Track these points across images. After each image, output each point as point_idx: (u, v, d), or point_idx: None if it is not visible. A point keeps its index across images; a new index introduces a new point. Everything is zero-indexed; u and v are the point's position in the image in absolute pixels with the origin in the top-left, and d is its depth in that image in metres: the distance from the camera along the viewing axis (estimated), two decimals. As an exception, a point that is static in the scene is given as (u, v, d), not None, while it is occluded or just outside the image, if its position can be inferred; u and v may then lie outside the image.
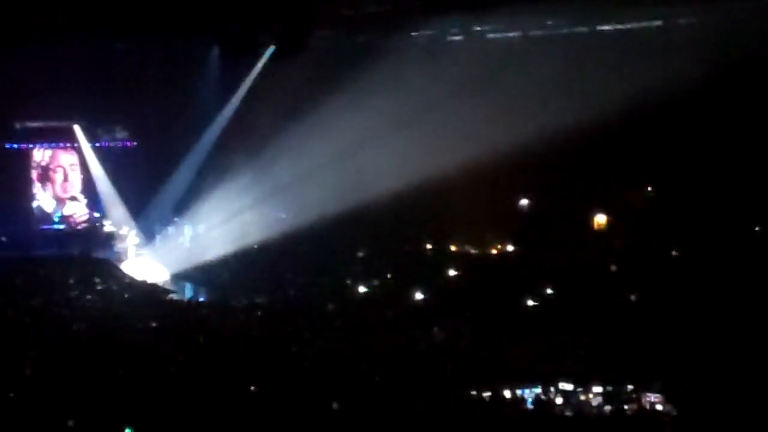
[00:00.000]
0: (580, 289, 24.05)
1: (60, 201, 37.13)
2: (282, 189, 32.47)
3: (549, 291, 24.27)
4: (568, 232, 29.61)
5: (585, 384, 16.55)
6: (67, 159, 37.05)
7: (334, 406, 14.38)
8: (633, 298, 23.36)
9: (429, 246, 31.56)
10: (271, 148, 32.14)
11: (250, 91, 34.20)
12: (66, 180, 37.12)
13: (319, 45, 29.96)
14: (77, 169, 37.13)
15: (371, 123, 30.07)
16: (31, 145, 36.42)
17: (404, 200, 29.86)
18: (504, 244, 31.37)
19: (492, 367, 17.81)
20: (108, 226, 36.52)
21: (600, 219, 31.41)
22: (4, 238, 34.05)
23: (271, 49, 32.01)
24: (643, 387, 16.24)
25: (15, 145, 36.02)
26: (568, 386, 16.58)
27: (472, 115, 29.20)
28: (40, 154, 36.70)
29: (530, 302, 23.31)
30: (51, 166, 36.90)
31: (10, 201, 35.71)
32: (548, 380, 16.70)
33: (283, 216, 33.75)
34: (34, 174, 36.62)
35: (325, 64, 31.06)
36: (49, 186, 36.96)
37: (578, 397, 16.48)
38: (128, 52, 33.47)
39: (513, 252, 31.17)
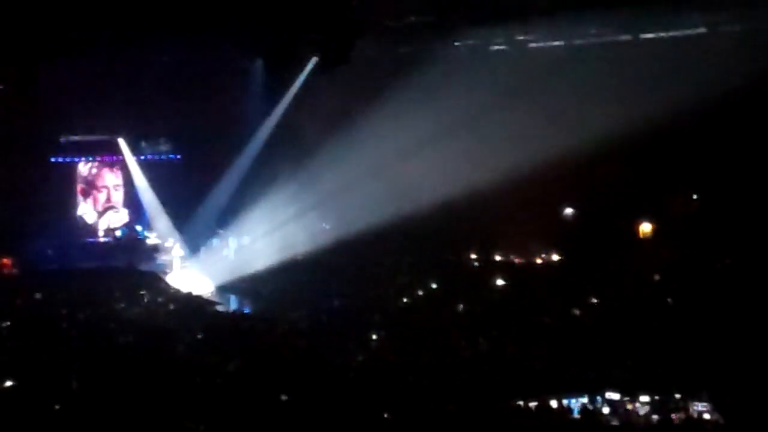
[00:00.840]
0: (626, 298, 23.91)
1: (106, 215, 37.35)
2: (326, 200, 32.50)
3: (594, 300, 24.15)
4: (613, 241, 29.43)
5: (632, 393, 16.44)
6: (111, 178, 37.36)
7: (383, 416, 14.37)
8: (679, 306, 23.20)
9: (473, 256, 31.48)
10: (314, 160, 32.20)
11: (294, 102, 34.28)
12: (109, 199, 37.36)
13: (362, 56, 29.95)
14: (121, 188, 37.39)
15: (414, 133, 30.05)
16: (76, 159, 36.66)
17: (448, 210, 29.79)
18: (549, 253, 31.24)
19: (538, 376, 17.73)
20: (153, 239, 36.72)
21: (645, 227, 31.21)
22: (50, 251, 34.24)
23: (314, 60, 32.10)
24: (690, 396, 16.12)
25: (60, 159, 36.27)
26: (615, 396, 16.47)
27: (515, 125, 29.09)
28: (86, 169, 36.95)
29: (576, 311, 23.19)
30: (96, 184, 37.15)
31: (55, 214, 35.94)
32: (595, 390, 16.60)
33: (327, 227, 33.77)
34: (79, 188, 36.86)
35: (368, 75, 31.00)
36: (92, 201, 37.19)
37: (625, 407, 16.36)
38: (172, 65, 33.62)
39: (558, 261, 31.05)
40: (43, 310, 22.71)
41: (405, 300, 25.91)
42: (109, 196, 37.42)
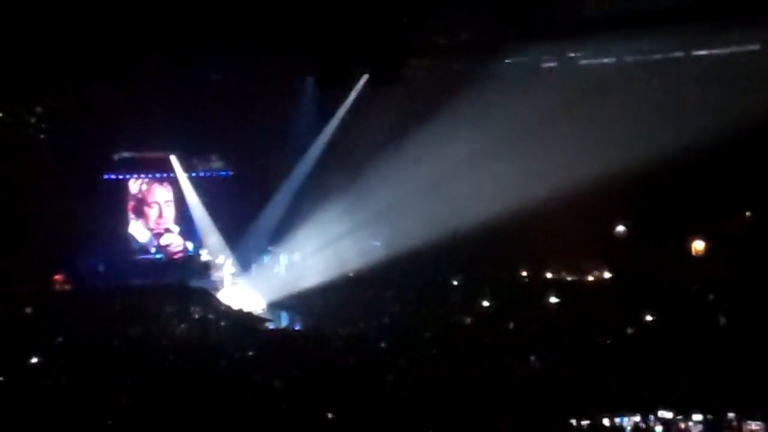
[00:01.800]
0: (679, 317, 23.74)
1: (157, 232, 37.56)
2: (376, 217, 32.48)
3: (647, 318, 23.98)
4: (665, 259, 29.24)
5: (685, 412, 16.29)
6: (162, 194, 37.48)
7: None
8: (732, 325, 22.98)
9: (525, 273, 31.36)
10: (365, 177, 32.20)
11: (345, 120, 34.37)
12: (161, 215, 37.55)
13: (414, 73, 29.98)
14: (172, 204, 37.57)
15: (466, 150, 30.01)
16: (127, 176, 36.89)
17: (499, 227, 29.69)
18: (601, 270, 31.07)
19: (590, 395, 17.62)
20: (204, 256, 36.87)
21: (698, 245, 30.95)
22: (101, 268, 34.47)
23: (366, 77, 32.17)
24: (744, 415, 15.96)
25: (112, 176, 36.50)
26: (668, 414, 16.33)
27: (566, 142, 29.01)
28: (137, 186, 37.15)
29: (629, 329, 23.02)
30: (147, 200, 37.34)
31: (107, 231, 36.18)
32: (647, 408, 16.47)
33: (378, 244, 33.76)
34: (130, 205, 37.09)
35: (420, 92, 31.04)
36: (143, 218, 37.41)
37: (678, 426, 16.24)
38: (224, 83, 33.78)
39: (610, 279, 30.87)
40: (94, 327, 22.81)
41: (456, 318, 25.84)
42: (160, 212, 37.60)
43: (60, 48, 25.59)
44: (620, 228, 32.19)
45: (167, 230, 37.64)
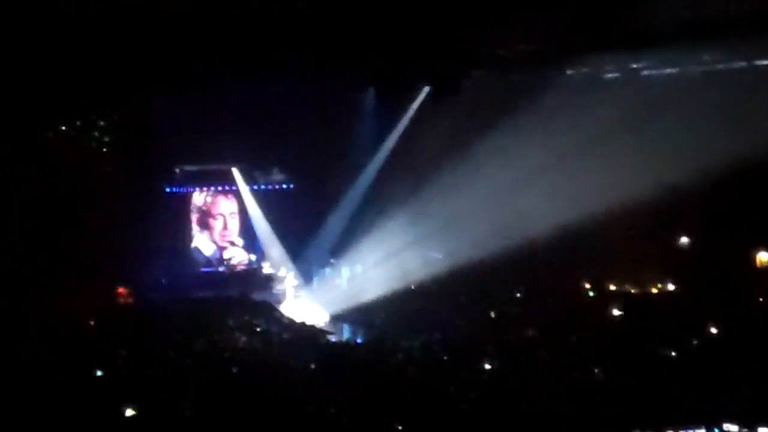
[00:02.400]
0: (744, 328, 23.46)
1: (220, 245, 37.78)
2: (437, 229, 32.45)
3: (712, 330, 23.73)
4: (730, 271, 28.94)
5: (750, 426, 16.09)
6: (226, 206, 37.75)
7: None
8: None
9: (587, 285, 31.15)
10: (426, 189, 32.20)
11: (406, 132, 34.41)
12: (225, 227, 37.79)
13: (474, 84, 29.94)
14: (236, 216, 37.80)
15: (527, 162, 29.92)
16: (190, 189, 37.15)
17: (561, 239, 29.56)
18: (664, 282, 30.80)
19: (654, 407, 17.46)
20: (266, 268, 37.02)
21: (763, 257, 30.61)
22: (164, 281, 34.73)
23: (427, 89, 32.18)
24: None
25: (175, 189, 36.79)
26: (733, 428, 16.12)
27: (628, 153, 28.83)
28: (200, 198, 37.43)
29: (693, 341, 22.80)
30: (211, 212, 37.62)
31: (170, 244, 36.47)
32: (712, 421, 16.29)
33: (439, 256, 33.70)
34: (194, 218, 37.34)
35: (480, 104, 30.99)
36: (207, 230, 37.64)
37: (744, 439, 16.06)
38: (285, 96, 33.93)
39: (674, 291, 30.59)
40: (157, 339, 22.95)
41: (518, 330, 25.72)
42: (225, 223, 37.87)
43: (123, 61, 25.83)
44: (684, 239, 31.91)
45: (231, 243, 37.87)
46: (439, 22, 24.08)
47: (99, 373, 19.48)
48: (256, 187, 37.80)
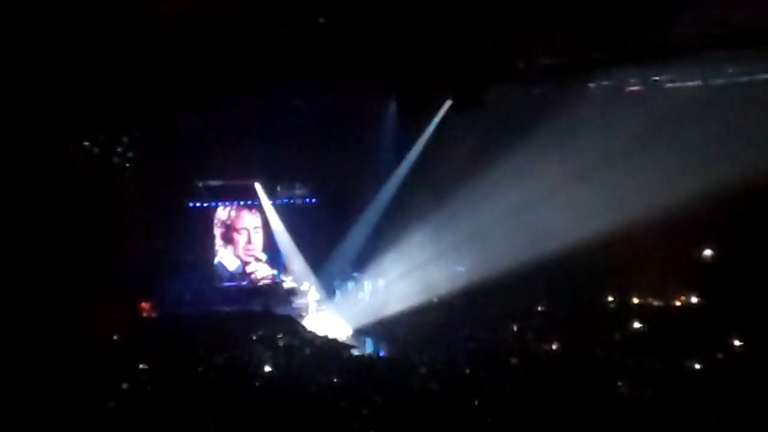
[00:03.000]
0: (768, 342, 23.39)
1: (243, 259, 37.85)
2: (460, 242, 32.46)
3: (736, 343, 23.63)
4: (753, 284, 28.80)
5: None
6: (251, 220, 37.86)
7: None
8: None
9: (610, 298, 31.05)
10: (448, 202, 32.22)
11: (428, 145, 34.42)
12: (249, 241, 37.88)
13: (496, 98, 29.90)
14: (260, 230, 37.89)
15: (549, 175, 29.90)
16: (213, 204, 37.27)
17: (584, 253, 29.49)
18: (688, 295, 30.68)
19: (678, 421, 17.42)
20: (289, 283, 37.09)
21: (787, 270, 30.48)
22: (187, 295, 34.81)
23: (448, 103, 32.18)
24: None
25: (198, 204, 36.89)
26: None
27: (651, 166, 28.74)
28: (225, 213, 37.54)
29: (717, 355, 22.71)
30: (236, 226, 37.73)
31: (193, 258, 36.59)
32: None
33: (462, 269, 33.69)
34: (217, 232, 37.44)
35: (502, 117, 30.98)
36: (231, 244, 37.72)
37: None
38: (306, 110, 34.01)
39: (697, 304, 30.47)
40: (180, 353, 23.01)
41: (541, 343, 25.68)
42: (249, 237, 37.96)
43: (147, 77, 25.93)
44: (707, 252, 31.77)
45: (255, 258, 37.94)
46: (461, 35, 24.09)
47: (124, 386, 19.54)
48: (278, 202, 37.93)
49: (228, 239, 37.65)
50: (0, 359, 21.40)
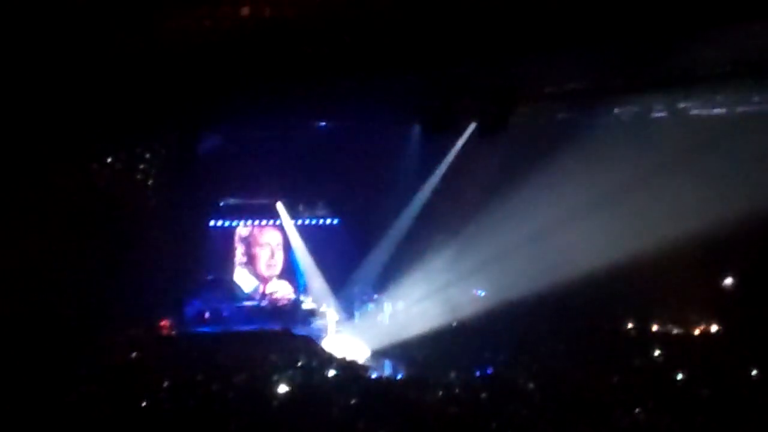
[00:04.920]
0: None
1: (263, 279, 37.89)
2: (481, 266, 32.40)
3: (754, 372, 23.50)
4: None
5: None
6: (273, 236, 37.94)
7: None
8: None
9: (630, 325, 30.94)
10: (470, 226, 32.20)
11: (451, 168, 34.42)
12: (272, 257, 37.97)
13: (520, 121, 29.89)
14: (281, 248, 37.93)
15: (572, 200, 29.84)
16: (235, 223, 37.33)
17: (605, 279, 29.42)
18: (708, 323, 30.56)
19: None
20: (308, 303, 37.07)
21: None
22: (207, 314, 34.84)
23: (473, 126, 32.17)
24: None
25: (219, 223, 36.97)
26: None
27: (675, 193, 28.67)
28: (246, 231, 37.63)
29: (736, 383, 22.57)
30: (258, 242, 37.83)
31: (213, 277, 36.67)
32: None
33: (482, 293, 33.63)
34: (238, 251, 37.51)
35: (526, 141, 30.97)
36: (252, 263, 37.78)
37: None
38: (330, 130, 34.10)
39: (717, 332, 30.34)
40: (199, 372, 22.98)
41: (560, 369, 25.57)
42: (272, 253, 38.11)
43: (170, 95, 25.99)
44: (729, 281, 31.63)
45: (275, 276, 37.98)
46: (487, 58, 24.07)
47: (143, 404, 19.53)
48: (300, 222, 37.95)
49: (249, 256, 37.78)
50: (19, 374, 21.46)
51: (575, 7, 19.70)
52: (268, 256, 38.15)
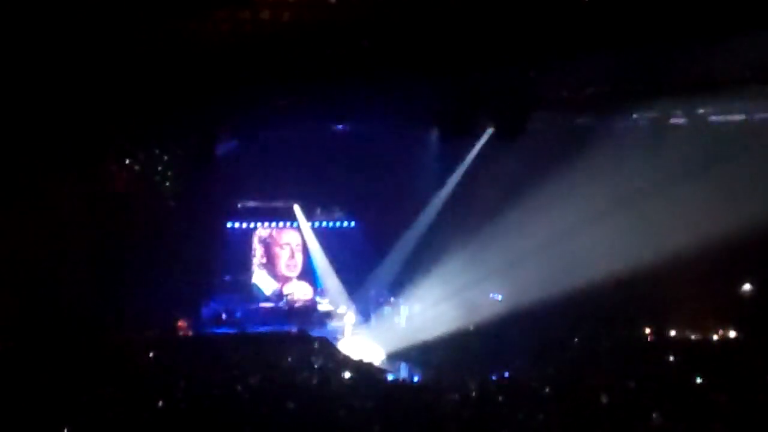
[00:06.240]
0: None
1: (282, 280, 37.94)
2: (497, 270, 32.36)
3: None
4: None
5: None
6: (293, 237, 37.98)
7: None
8: None
9: (647, 331, 30.87)
10: (487, 230, 32.15)
11: (468, 172, 34.41)
12: (292, 257, 38.05)
13: (537, 126, 29.86)
14: (300, 249, 37.99)
15: (589, 205, 29.77)
16: (252, 225, 37.42)
17: (622, 284, 29.37)
18: (726, 329, 30.48)
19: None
20: (325, 305, 37.12)
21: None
22: (224, 315, 34.92)
23: (490, 131, 32.16)
24: None
25: (237, 225, 37.07)
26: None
27: (693, 199, 28.57)
28: (265, 233, 37.72)
29: (753, 390, 22.49)
30: (279, 242, 37.92)
31: (230, 278, 36.76)
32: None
33: (499, 297, 33.60)
34: (257, 253, 37.59)
35: (543, 146, 30.92)
36: (272, 264, 37.85)
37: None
38: (348, 134, 34.13)
39: (735, 338, 30.25)
40: (216, 373, 23.04)
41: (576, 374, 25.53)
42: (292, 253, 38.20)
43: (188, 97, 26.06)
44: (747, 287, 31.55)
45: (294, 277, 38.05)
46: (505, 63, 24.06)
47: (159, 405, 19.58)
48: (316, 224, 38.03)
49: (269, 257, 37.88)
50: (37, 374, 21.56)
51: (594, 12, 19.71)
52: (288, 256, 38.25)
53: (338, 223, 38.72)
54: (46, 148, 27.49)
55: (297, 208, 37.57)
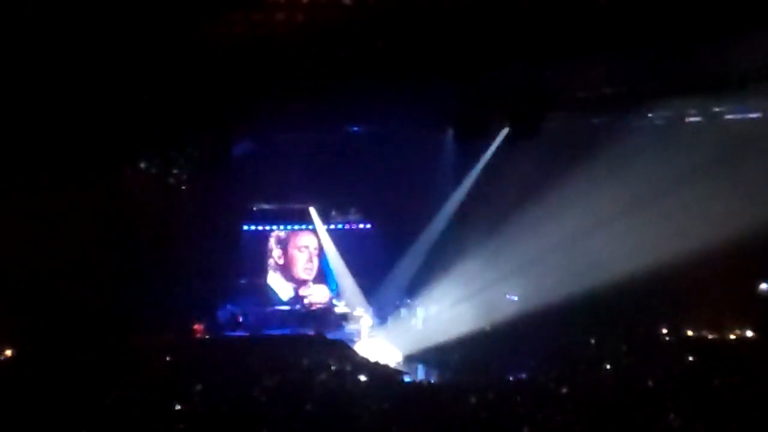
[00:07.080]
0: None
1: (298, 282, 37.93)
2: (514, 271, 32.29)
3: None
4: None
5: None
6: (310, 240, 37.96)
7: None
8: None
9: (664, 330, 30.79)
10: (503, 230, 32.09)
11: (484, 173, 34.36)
12: (310, 260, 38.01)
13: (553, 126, 29.81)
14: (317, 251, 37.97)
15: (605, 204, 29.69)
16: (268, 227, 37.42)
17: (638, 284, 29.27)
18: (743, 329, 30.39)
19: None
20: (341, 307, 37.09)
21: None
22: (240, 318, 34.91)
23: (506, 131, 32.12)
24: None
25: (252, 227, 37.08)
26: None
27: (709, 198, 28.48)
28: (283, 234, 37.70)
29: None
30: (297, 245, 37.89)
31: (247, 281, 36.77)
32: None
33: (515, 298, 33.54)
34: (275, 255, 37.60)
35: (559, 146, 30.85)
36: (288, 267, 37.84)
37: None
38: (363, 135, 34.13)
39: (752, 337, 30.17)
40: (232, 375, 23.05)
41: (593, 374, 25.47)
42: (310, 256, 38.15)
43: (204, 100, 26.11)
44: (764, 286, 31.44)
45: (312, 280, 38.03)
46: (520, 63, 24.05)
47: (177, 408, 19.61)
48: (332, 226, 38.01)
49: (286, 260, 37.82)
50: (56, 377, 21.62)
51: (609, 11, 19.68)
52: (305, 259, 38.21)
53: (354, 225, 38.65)
54: (63, 152, 27.57)
55: (313, 210, 37.54)
